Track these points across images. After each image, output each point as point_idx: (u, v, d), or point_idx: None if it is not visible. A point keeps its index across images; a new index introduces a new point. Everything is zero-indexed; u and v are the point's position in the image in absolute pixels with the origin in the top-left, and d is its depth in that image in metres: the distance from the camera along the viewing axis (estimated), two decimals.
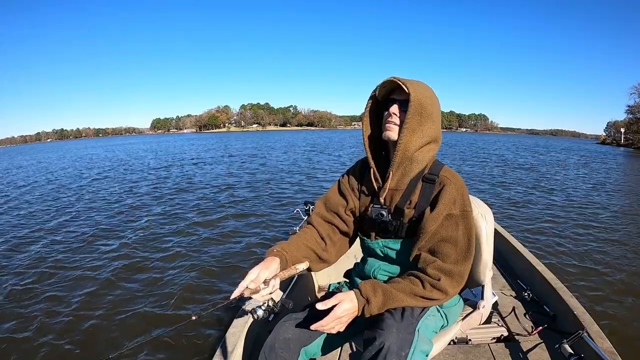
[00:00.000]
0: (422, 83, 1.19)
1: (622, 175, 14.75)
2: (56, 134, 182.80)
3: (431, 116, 1.16)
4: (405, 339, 1.01)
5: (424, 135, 1.16)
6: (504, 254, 2.82)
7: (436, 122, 1.19)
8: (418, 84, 1.16)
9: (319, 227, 1.33)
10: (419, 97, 1.12)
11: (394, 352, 0.97)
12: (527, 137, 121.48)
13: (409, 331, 1.03)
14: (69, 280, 3.81)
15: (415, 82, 1.17)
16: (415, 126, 1.13)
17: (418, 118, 1.13)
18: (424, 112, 1.13)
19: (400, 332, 1.01)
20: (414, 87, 1.13)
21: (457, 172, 1.23)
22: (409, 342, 1.01)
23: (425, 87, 1.18)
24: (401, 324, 1.03)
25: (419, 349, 1.02)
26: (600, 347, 1.55)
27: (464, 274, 1.13)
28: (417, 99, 1.12)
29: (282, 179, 10.97)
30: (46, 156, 29.51)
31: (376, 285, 1.09)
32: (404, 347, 0.99)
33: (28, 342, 2.77)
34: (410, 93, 1.11)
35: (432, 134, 1.18)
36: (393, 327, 1.01)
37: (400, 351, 0.98)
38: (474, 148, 29.58)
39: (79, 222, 6.27)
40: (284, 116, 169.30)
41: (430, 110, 1.15)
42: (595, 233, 5.49)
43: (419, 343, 1.03)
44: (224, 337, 1.70)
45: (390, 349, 0.97)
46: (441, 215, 1.12)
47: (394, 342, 0.98)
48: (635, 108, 51.03)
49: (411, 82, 1.15)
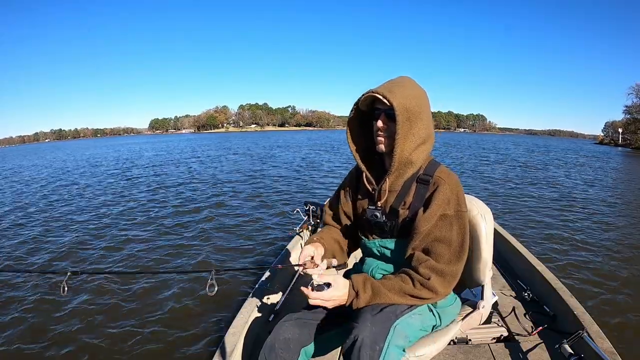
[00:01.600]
0: (403, 84, 1.17)
1: (621, 174, 14.81)
2: (54, 134, 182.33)
3: (420, 116, 1.14)
4: (379, 333, 1.03)
5: (416, 138, 1.15)
6: (503, 253, 2.82)
7: (426, 120, 1.17)
8: (399, 89, 1.13)
9: (334, 227, 1.44)
10: (402, 103, 1.10)
11: (368, 345, 0.99)
12: (525, 137, 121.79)
13: (384, 326, 1.05)
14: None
15: (396, 86, 1.14)
16: (406, 132, 1.13)
17: (407, 124, 1.12)
18: (411, 116, 1.12)
19: (374, 325, 1.03)
20: (395, 95, 1.10)
21: (457, 172, 1.23)
22: (383, 336, 1.03)
23: (407, 87, 1.16)
24: (376, 319, 1.05)
25: (394, 344, 1.04)
26: (600, 347, 1.55)
27: (456, 274, 1.14)
28: (402, 106, 1.10)
29: (282, 179, 10.95)
30: (59, 156, 29.35)
31: (367, 281, 1.13)
32: (378, 341, 1.02)
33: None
34: (392, 103, 1.09)
35: (423, 133, 1.17)
36: (368, 321, 1.04)
37: (374, 344, 1.00)
38: (474, 147, 29.62)
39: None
40: (283, 116, 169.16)
41: (418, 111, 1.13)
42: (595, 233, 5.50)
43: (395, 338, 1.05)
44: (224, 337, 1.70)
45: (364, 342, 0.99)
46: (435, 215, 1.13)
47: (367, 335, 1.01)
48: (633, 108, 51.34)
49: (390, 89, 1.12)
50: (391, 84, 1.16)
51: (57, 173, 15.09)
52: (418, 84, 1.21)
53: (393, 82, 1.17)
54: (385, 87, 1.13)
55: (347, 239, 1.43)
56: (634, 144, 46.49)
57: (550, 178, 12.10)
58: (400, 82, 1.17)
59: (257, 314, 1.97)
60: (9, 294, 3.54)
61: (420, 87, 1.21)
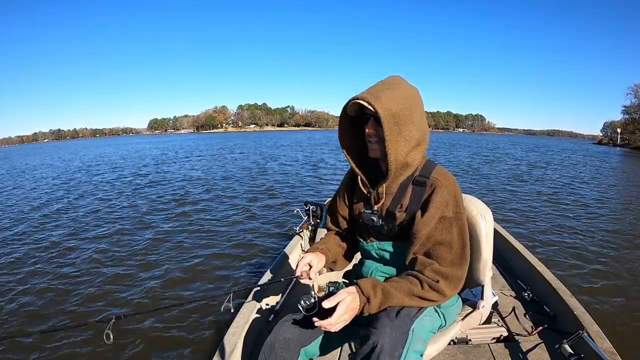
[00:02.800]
0: (391, 85, 1.13)
1: (621, 174, 14.83)
2: (53, 134, 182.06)
3: (410, 118, 1.10)
4: (399, 338, 1.01)
5: (408, 141, 1.12)
6: (503, 253, 2.82)
7: (417, 122, 1.13)
8: (385, 93, 1.09)
9: (336, 232, 1.44)
10: (388, 108, 1.06)
11: (387, 352, 0.97)
12: (524, 137, 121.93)
13: (402, 331, 1.03)
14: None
15: (382, 90, 1.10)
16: (395, 137, 1.09)
17: (396, 128, 1.08)
18: (400, 120, 1.08)
19: (394, 331, 1.01)
20: (380, 101, 1.06)
21: (456, 171, 1.23)
22: (402, 342, 1.01)
23: (395, 89, 1.11)
24: (395, 324, 1.03)
25: (412, 349, 1.02)
26: (600, 347, 1.55)
27: (461, 277, 1.13)
28: (387, 111, 1.06)
29: (282, 179, 10.95)
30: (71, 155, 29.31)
31: (376, 284, 1.09)
32: (397, 347, 0.99)
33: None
34: (377, 110, 1.06)
35: (416, 135, 1.13)
36: (387, 326, 1.01)
37: (393, 351, 0.98)
38: (474, 147, 29.63)
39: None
40: (282, 116, 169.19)
41: (407, 114, 1.10)
42: (595, 233, 5.50)
43: (413, 343, 1.03)
44: (224, 337, 1.70)
45: (383, 349, 0.97)
46: (433, 218, 1.12)
47: (387, 341, 0.98)
48: (631, 108, 51.53)
49: (377, 95, 1.08)
50: (378, 87, 1.12)
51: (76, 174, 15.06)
52: (408, 83, 1.18)
53: (380, 85, 1.13)
54: (370, 92, 1.09)
55: (349, 242, 1.42)
56: (633, 144, 46.59)
57: (550, 178, 12.11)
58: (388, 84, 1.13)
59: (257, 314, 1.97)
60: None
61: (410, 86, 1.17)
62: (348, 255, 1.43)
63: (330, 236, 1.42)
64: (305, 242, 3.09)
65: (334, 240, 1.40)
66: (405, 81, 1.18)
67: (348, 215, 1.38)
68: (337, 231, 1.43)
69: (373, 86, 1.14)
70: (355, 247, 1.43)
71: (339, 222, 1.40)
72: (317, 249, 1.31)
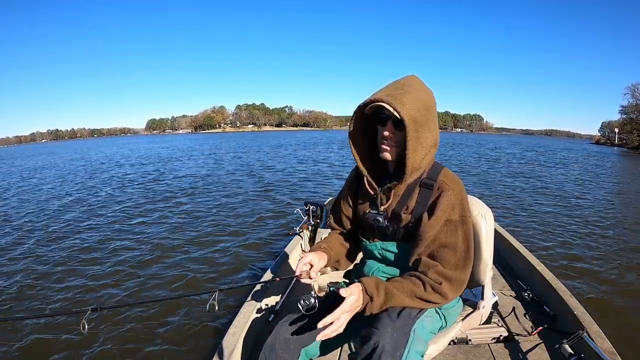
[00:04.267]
0: (412, 88, 1.11)
1: (620, 174, 14.88)
2: (51, 135, 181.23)
3: (427, 124, 1.10)
4: (400, 339, 1.01)
5: (424, 147, 1.12)
6: (503, 254, 2.82)
7: (433, 127, 1.13)
8: (408, 97, 1.07)
9: (340, 231, 1.43)
10: (411, 115, 1.05)
11: (389, 352, 0.97)
12: (522, 137, 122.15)
13: (404, 331, 1.03)
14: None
15: (405, 93, 1.08)
16: (414, 142, 1.09)
17: (415, 135, 1.08)
18: (419, 127, 1.08)
19: (395, 331, 1.01)
20: (405, 107, 1.04)
21: (456, 172, 1.22)
22: (403, 342, 1.01)
23: (416, 93, 1.10)
24: (397, 324, 1.03)
25: (414, 350, 1.02)
26: (600, 347, 1.55)
27: (464, 280, 1.13)
28: (411, 118, 1.05)
29: (283, 179, 10.94)
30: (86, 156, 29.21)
31: (379, 283, 1.09)
32: (399, 347, 0.99)
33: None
34: (403, 117, 1.04)
35: (430, 141, 1.14)
36: (388, 326, 1.01)
37: (394, 351, 0.98)
38: (474, 147, 29.68)
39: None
40: (280, 116, 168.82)
41: (425, 119, 1.09)
42: (595, 233, 5.51)
43: (414, 343, 1.03)
44: (223, 337, 1.69)
45: (384, 349, 0.97)
46: (440, 221, 1.11)
47: (389, 342, 0.98)
48: (628, 108, 51.62)
49: (401, 99, 1.05)
50: (399, 89, 1.10)
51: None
52: (426, 86, 1.17)
53: (401, 87, 1.11)
54: (394, 96, 1.06)
55: (352, 241, 1.41)
56: (630, 144, 46.75)
57: (549, 178, 12.14)
58: (408, 87, 1.11)
59: (257, 314, 1.97)
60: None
61: (428, 89, 1.16)
62: (351, 254, 1.42)
63: (333, 235, 1.41)
64: (305, 242, 3.09)
65: (337, 239, 1.39)
66: (423, 84, 1.17)
67: (352, 214, 1.37)
68: (340, 231, 1.42)
69: (392, 87, 1.12)
70: (356, 247, 1.42)
71: (343, 221, 1.39)
72: (319, 248, 1.30)
